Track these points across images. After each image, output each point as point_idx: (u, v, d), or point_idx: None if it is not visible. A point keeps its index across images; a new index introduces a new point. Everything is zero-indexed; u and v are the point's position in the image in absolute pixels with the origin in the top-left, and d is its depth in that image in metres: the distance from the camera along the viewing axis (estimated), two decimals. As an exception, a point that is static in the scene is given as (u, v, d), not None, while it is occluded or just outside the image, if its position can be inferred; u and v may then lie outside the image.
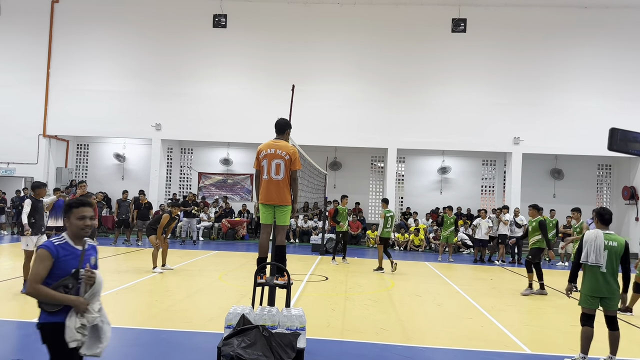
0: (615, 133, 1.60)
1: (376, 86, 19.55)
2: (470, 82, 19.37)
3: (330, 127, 19.14)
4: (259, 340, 4.57)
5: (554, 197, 20.56)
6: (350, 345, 6.01)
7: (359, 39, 19.58)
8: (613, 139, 1.60)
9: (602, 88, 18.82)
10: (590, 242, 5.44)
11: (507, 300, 9.28)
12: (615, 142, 1.60)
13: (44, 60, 20.07)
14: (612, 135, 1.59)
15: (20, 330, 6.21)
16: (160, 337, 6.02)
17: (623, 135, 1.60)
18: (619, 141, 1.60)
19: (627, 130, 1.59)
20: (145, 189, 18.21)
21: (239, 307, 5.14)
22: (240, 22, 19.86)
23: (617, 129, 1.61)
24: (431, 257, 16.38)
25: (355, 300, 8.67)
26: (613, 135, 1.59)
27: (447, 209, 16.03)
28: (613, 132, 1.59)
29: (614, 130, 1.59)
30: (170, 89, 19.72)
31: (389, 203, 12.95)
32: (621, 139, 1.59)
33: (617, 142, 1.61)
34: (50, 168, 20.35)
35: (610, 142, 1.59)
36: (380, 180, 21.51)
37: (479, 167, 21.58)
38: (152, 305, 7.70)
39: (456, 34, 19.37)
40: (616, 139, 1.61)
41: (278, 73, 19.17)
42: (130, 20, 20.09)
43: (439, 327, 7.05)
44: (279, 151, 5.55)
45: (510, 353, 5.92)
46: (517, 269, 14.27)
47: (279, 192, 5.53)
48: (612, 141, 1.59)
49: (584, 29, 19.11)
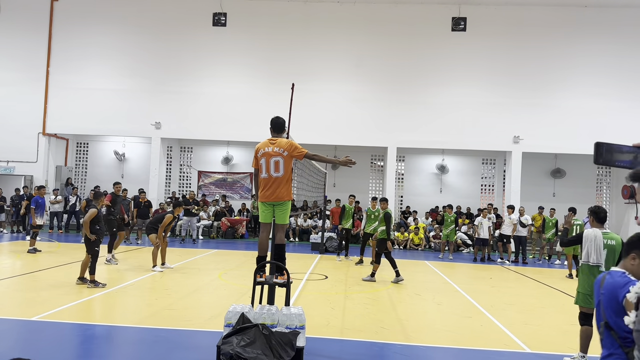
0: (600, 147, 1.62)
1: (376, 84, 19.54)
2: (470, 80, 19.36)
3: (330, 126, 19.13)
4: (258, 338, 4.57)
5: (553, 196, 20.57)
6: (350, 344, 6.01)
7: (359, 38, 19.56)
8: (598, 153, 1.61)
9: (602, 87, 18.80)
10: (590, 242, 5.42)
11: (506, 299, 9.28)
12: (601, 155, 1.61)
13: (44, 58, 20.06)
14: (598, 150, 1.60)
15: (22, 328, 6.21)
16: (159, 336, 6.02)
17: (608, 148, 1.61)
18: (604, 154, 1.61)
19: (612, 144, 1.61)
20: (145, 188, 18.20)
21: (239, 305, 5.14)
22: (240, 21, 19.84)
23: (602, 143, 1.62)
24: (431, 256, 16.39)
25: (355, 299, 8.67)
26: (598, 149, 1.60)
27: (447, 207, 16.18)
28: (598, 147, 1.60)
29: (599, 144, 1.60)
30: (170, 87, 19.71)
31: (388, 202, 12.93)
32: (607, 151, 1.61)
33: (602, 155, 1.62)
34: (50, 166, 20.35)
35: (596, 157, 1.60)
36: (380, 179, 21.51)
37: (478, 166, 21.58)
38: (151, 304, 7.70)
39: (456, 33, 19.36)
40: (601, 152, 1.62)
41: (278, 71, 19.16)
42: (130, 18, 20.07)
43: (439, 326, 7.05)
44: (276, 149, 5.56)
45: (510, 352, 5.92)
46: (519, 268, 14.27)
47: (278, 189, 5.54)
48: (597, 155, 1.60)
49: (584, 28, 19.10)
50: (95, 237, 8.71)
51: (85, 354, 5.41)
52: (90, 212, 8.83)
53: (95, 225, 8.81)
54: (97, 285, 8.56)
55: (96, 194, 9.70)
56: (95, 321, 6.78)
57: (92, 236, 8.68)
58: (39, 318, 6.47)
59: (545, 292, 10.48)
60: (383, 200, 11.82)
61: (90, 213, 8.79)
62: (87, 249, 8.74)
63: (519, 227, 15.36)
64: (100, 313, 7.30)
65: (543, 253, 16.80)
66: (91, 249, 8.69)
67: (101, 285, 8.60)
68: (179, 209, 11.34)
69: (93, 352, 5.43)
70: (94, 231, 8.76)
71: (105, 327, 6.43)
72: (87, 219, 8.74)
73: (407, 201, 21.47)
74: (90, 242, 8.70)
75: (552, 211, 16.34)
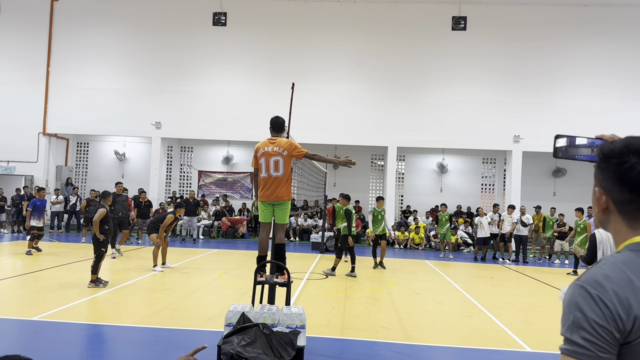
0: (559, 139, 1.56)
1: (376, 84, 19.54)
2: (471, 80, 19.35)
3: (330, 125, 19.12)
4: (259, 338, 4.57)
5: (554, 195, 20.56)
6: (350, 344, 6.01)
7: (359, 37, 19.56)
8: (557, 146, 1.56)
9: (602, 86, 18.79)
10: (605, 243, 5.38)
11: (507, 299, 9.28)
12: (560, 149, 1.57)
13: (44, 58, 20.06)
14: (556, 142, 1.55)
15: (22, 328, 6.21)
16: (160, 336, 6.02)
17: (569, 142, 1.56)
18: (564, 148, 1.57)
19: (572, 136, 1.56)
20: (145, 188, 18.21)
21: (239, 305, 5.14)
22: (240, 20, 19.84)
23: (561, 135, 1.57)
24: (431, 255, 16.38)
25: (355, 298, 8.67)
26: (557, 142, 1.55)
27: (442, 206, 16.14)
28: (557, 139, 1.55)
29: (558, 137, 1.55)
30: (170, 87, 19.71)
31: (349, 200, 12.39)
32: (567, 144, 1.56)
33: (562, 149, 1.57)
34: (50, 166, 20.35)
35: (555, 150, 1.55)
36: (380, 178, 21.51)
37: (479, 165, 21.57)
38: (152, 304, 7.70)
39: (456, 32, 19.35)
40: (561, 146, 1.57)
41: (278, 71, 19.16)
42: (130, 18, 20.07)
43: (439, 325, 7.05)
44: (276, 148, 5.56)
45: (511, 351, 5.91)
46: (519, 267, 14.27)
47: (278, 189, 5.54)
48: (556, 149, 1.56)
49: (584, 27, 19.08)
50: (104, 237, 8.72)
51: (86, 353, 5.41)
52: (99, 211, 8.83)
53: (104, 225, 8.81)
54: (98, 285, 8.57)
55: (103, 193, 9.72)
56: (96, 321, 6.78)
57: (101, 236, 8.69)
58: (39, 318, 6.47)
59: (545, 291, 10.47)
60: (345, 198, 11.62)
61: (100, 213, 8.79)
62: (94, 248, 8.75)
63: (520, 226, 15.36)
64: (101, 313, 7.30)
65: (543, 252, 16.80)
66: (97, 249, 8.70)
67: (102, 284, 8.61)
68: (180, 210, 11.36)
69: (93, 352, 5.43)
70: (103, 231, 8.76)
71: (105, 326, 6.43)
72: (97, 219, 8.73)
73: (408, 201, 21.47)
74: (98, 241, 8.71)
75: (553, 210, 16.33)
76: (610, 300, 1.11)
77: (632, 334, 1.10)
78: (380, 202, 12.46)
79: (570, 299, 1.17)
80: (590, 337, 1.11)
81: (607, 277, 1.13)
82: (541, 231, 16.64)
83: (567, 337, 1.15)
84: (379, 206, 12.40)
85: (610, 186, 1.25)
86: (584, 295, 1.14)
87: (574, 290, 1.17)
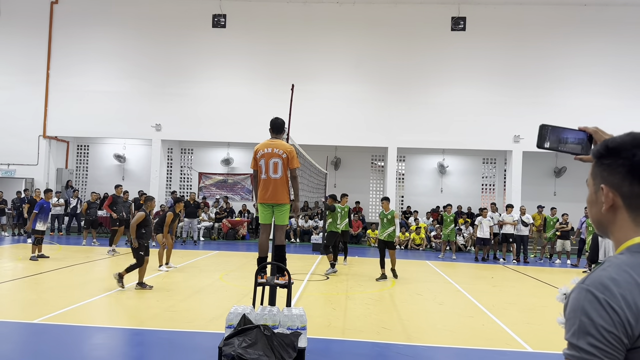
0: (544, 130, 1.54)
1: (376, 85, 19.54)
2: (470, 80, 19.36)
3: (330, 126, 19.12)
4: (260, 340, 4.57)
5: (554, 195, 20.55)
6: (352, 345, 6.00)
7: (359, 38, 19.57)
8: (542, 136, 1.53)
9: (602, 85, 18.80)
10: (607, 241, 5.40)
11: (508, 299, 9.27)
12: (546, 139, 1.54)
13: (44, 61, 20.08)
14: (541, 132, 1.52)
15: (24, 330, 6.21)
16: (161, 337, 6.02)
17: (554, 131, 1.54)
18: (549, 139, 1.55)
19: (558, 127, 1.53)
20: (145, 190, 18.21)
21: (240, 307, 5.14)
22: (239, 22, 19.86)
23: (546, 125, 1.55)
24: (432, 256, 16.38)
25: (356, 299, 8.67)
26: (542, 132, 1.53)
27: (447, 207, 16.10)
28: (542, 129, 1.52)
29: (543, 126, 1.53)
30: (170, 89, 19.72)
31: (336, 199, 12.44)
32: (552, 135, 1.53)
33: (547, 139, 1.55)
34: (51, 169, 20.36)
35: (539, 140, 1.52)
36: (380, 179, 21.51)
37: (479, 165, 21.57)
38: (153, 306, 7.70)
39: (456, 33, 19.36)
40: (546, 136, 1.55)
41: (278, 72, 19.16)
42: (129, 20, 20.09)
43: (440, 326, 7.04)
44: (276, 150, 5.55)
45: (512, 351, 5.91)
46: (520, 268, 14.26)
47: (277, 191, 5.54)
48: (541, 139, 1.53)
49: (584, 27, 19.09)
50: (137, 244, 8.60)
51: (87, 356, 5.41)
52: (138, 215, 8.72)
53: (141, 229, 8.71)
54: (145, 287, 8.70)
55: (147, 197, 9.69)
56: (97, 323, 6.78)
57: (135, 243, 8.59)
58: (40, 320, 6.47)
59: (546, 291, 10.45)
60: (331, 197, 12.10)
61: (138, 216, 8.68)
62: (132, 253, 8.72)
63: (521, 226, 15.34)
64: (102, 315, 7.30)
65: (544, 252, 16.78)
66: (136, 253, 8.66)
67: (148, 287, 8.70)
68: (179, 205, 11.37)
69: (95, 354, 5.43)
70: (139, 235, 8.67)
71: (106, 329, 6.43)
72: (135, 223, 8.61)
73: (408, 201, 21.46)
74: (134, 249, 8.65)
75: (554, 210, 16.32)
76: (618, 305, 1.06)
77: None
78: (384, 203, 11.25)
79: (575, 303, 1.11)
80: (597, 344, 1.06)
81: (614, 281, 1.09)
82: (542, 231, 16.62)
83: (573, 343, 1.10)
84: (385, 208, 11.11)
85: (619, 180, 1.19)
86: (590, 299, 1.08)
87: (579, 294, 1.11)
